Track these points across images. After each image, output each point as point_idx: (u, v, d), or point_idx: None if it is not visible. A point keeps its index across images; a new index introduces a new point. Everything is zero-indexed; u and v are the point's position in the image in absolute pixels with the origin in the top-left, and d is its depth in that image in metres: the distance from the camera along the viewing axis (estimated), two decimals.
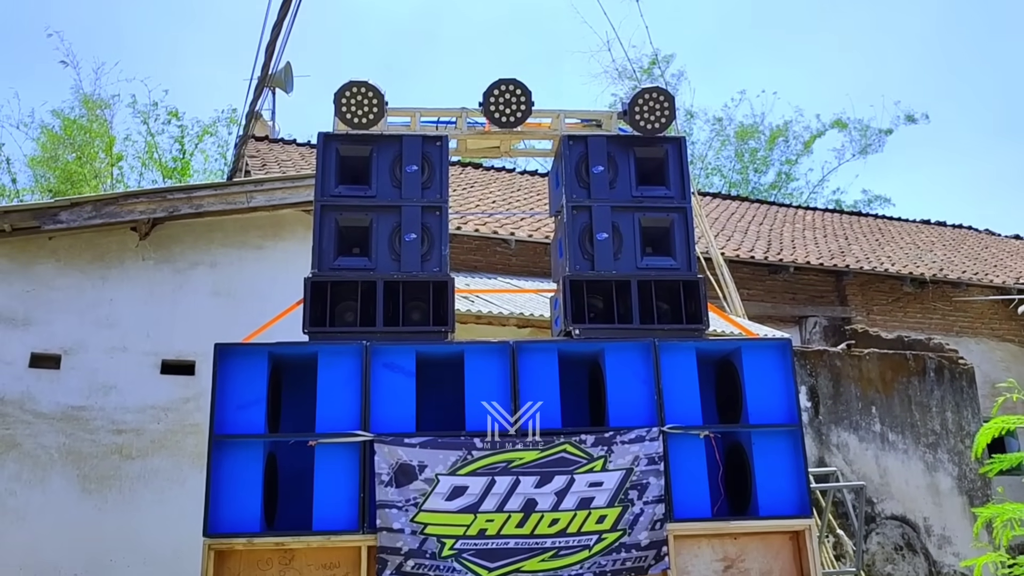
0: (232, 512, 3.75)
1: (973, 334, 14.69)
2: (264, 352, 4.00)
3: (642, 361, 4.11)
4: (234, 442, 3.84)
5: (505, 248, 12.36)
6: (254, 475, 3.82)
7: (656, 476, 3.88)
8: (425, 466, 3.81)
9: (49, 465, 7.14)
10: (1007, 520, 4.93)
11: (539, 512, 3.79)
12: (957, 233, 19.21)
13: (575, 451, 3.89)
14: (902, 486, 9.91)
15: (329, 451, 3.86)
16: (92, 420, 7.31)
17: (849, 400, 9.98)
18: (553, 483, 3.83)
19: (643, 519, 3.82)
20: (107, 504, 7.21)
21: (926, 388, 10.31)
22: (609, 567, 3.77)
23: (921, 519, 9.85)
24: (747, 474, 4.07)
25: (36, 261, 7.49)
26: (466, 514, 3.76)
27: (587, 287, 4.35)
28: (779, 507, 3.97)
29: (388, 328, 4.16)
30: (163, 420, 7.50)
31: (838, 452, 9.78)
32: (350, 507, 3.79)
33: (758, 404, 4.10)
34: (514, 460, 3.85)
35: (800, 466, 4.02)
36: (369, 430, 3.87)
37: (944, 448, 10.15)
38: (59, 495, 7.11)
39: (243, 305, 7.60)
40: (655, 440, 3.93)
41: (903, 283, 14.35)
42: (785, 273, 13.66)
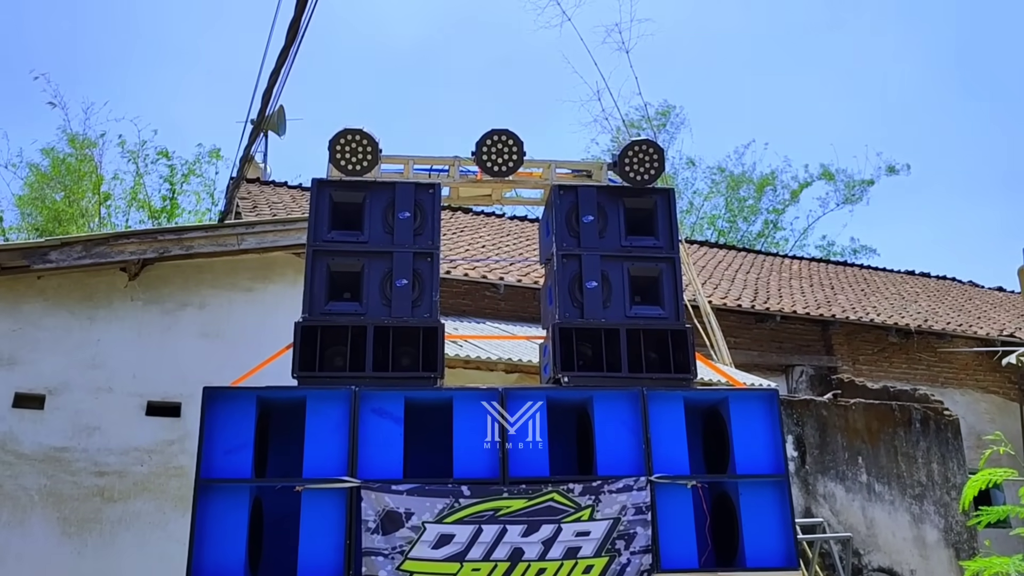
0: (216, 558, 3.71)
1: (958, 385, 14.77)
2: (252, 396, 3.99)
3: (630, 410, 4.13)
4: (220, 487, 3.82)
5: (494, 293, 12.40)
6: (239, 520, 3.79)
7: (643, 526, 3.88)
8: (412, 513, 3.80)
9: (29, 507, 7.05)
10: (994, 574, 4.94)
11: (526, 561, 3.77)
12: (941, 284, 19.41)
13: (562, 500, 3.89)
14: (889, 538, 9.88)
15: (315, 497, 3.84)
16: (75, 462, 7.24)
17: (836, 450, 9.99)
18: (540, 532, 3.82)
19: (630, 569, 3.81)
20: (87, 548, 7.11)
21: (912, 439, 10.34)
22: None
23: (908, 571, 9.81)
24: (734, 524, 4.07)
25: (24, 300, 7.47)
26: (452, 563, 3.74)
27: (576, 335, 4.38)
28: (766, 558, 3.96)
29: (377, 373, 4.17)
30: (147, 462, 7.43)
31: (825, 502, 9.76)
32: (336, 554, 3.76)
33: (745, 454, 4.12)
34: (501, 508, 3.84)
35: (787, 517, 4.02)
36: (356, 476, 3.86)
37: (930, 499, 10.15)
38: (38, 539, 7.01)
39: (231, 347, 7.59)
40: (643, 489, 3.94)
41: (888, 333, 14.45)
42: (772, 322, 13.75)
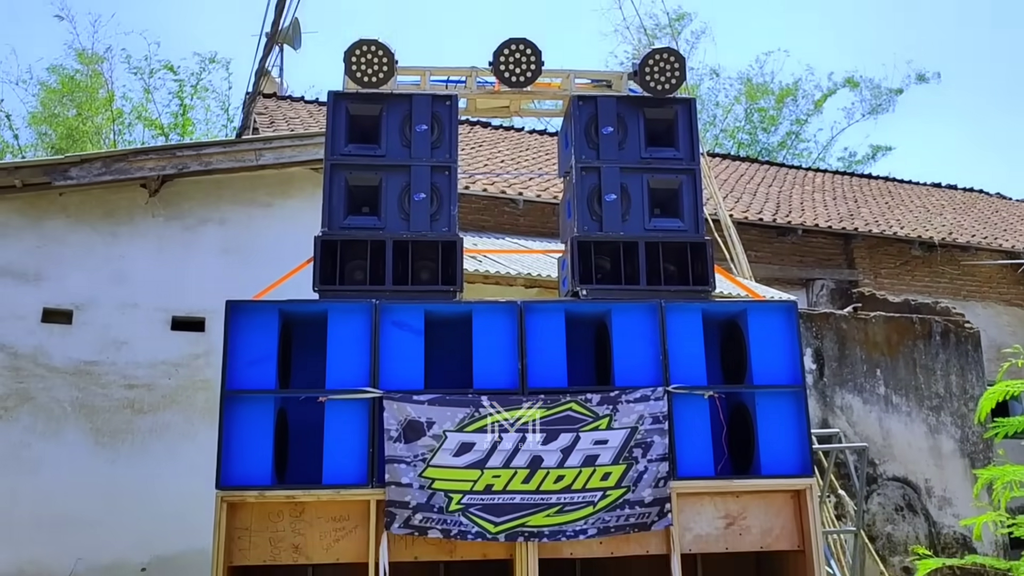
0: (244, 466, 3.83)
1: (980, 298, 14.68)
2: (275, 309, 4.04)
3: (648, 322, 4.15)
4: (245, 397, 3.91)
5: (513, 208, 12.35)
6: (265, 430, 3.89)
7: (660, 435, 3.94)
8: (433, 423, 3.87)
9: (63, 418, 7.25)
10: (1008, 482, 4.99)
11: (545, 469, 3.86)
12: (968, 197, 19.10)
13: (581, 410, 3.95)
14: (904, 448, 9.99)
15: (339, 407, 3.93)
16: (104, 375, 7.41)
17: (854, 363, 10.03)
18: (559, 440, 3.89)
19: (647, 476, 3.89)
20: (120, 457, 7.33)
21: (931, 352, 10.35)
22: (613, 523, 3.84)
23: (922, 480, 9.95)
24: (750, 434, 4.13)
25: (47, 217, 7.53)
26: (473, 470, 3.83)
27: (595, 248, 4.37)
28: (781, 466, 4.03)
29: (397, 287, 4.20)
30: (174, 376, 7.60)
31: (842, 414, 9.86)
32: (359, 462, 3.86)
33: (762, 365, 4.14)
34: (521, 418, 3.91)
35: (803, 426, 4.07)
36: (378, 387, 3.93)
37: (947, 411, 10.22)
38: (73, 448, 7.23)
39: (252, 262, 7.64)
40: (660, 400, 3.98)
41: (912, 246, 14.32)
42: (793, 236, 13.64)
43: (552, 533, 3.80)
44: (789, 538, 4.02)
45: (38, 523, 7.05)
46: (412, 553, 3.87)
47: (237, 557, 3.78)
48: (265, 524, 3.82)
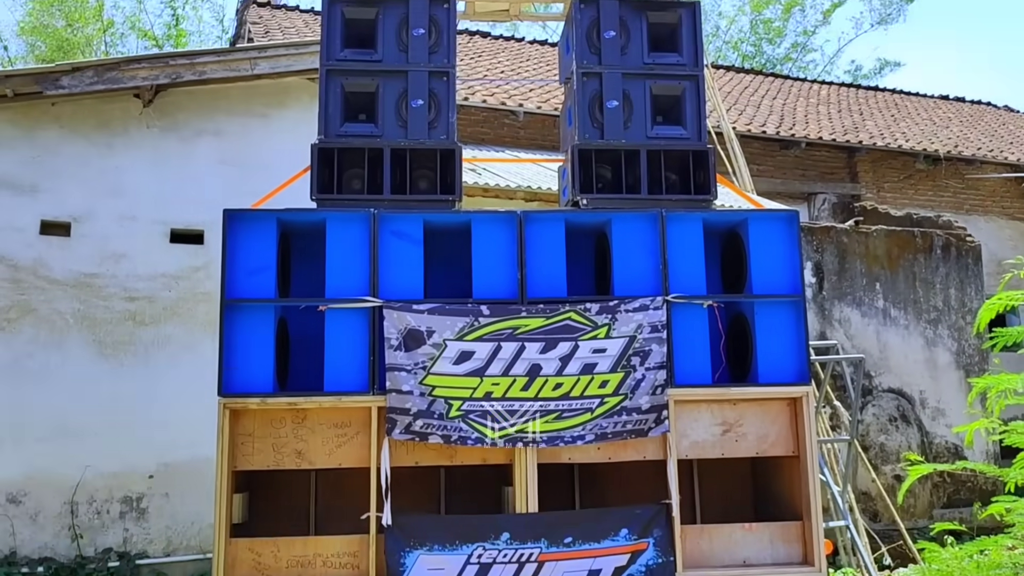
0: (245, 373, 3.86)
1: (983, 212, 14.61)
2: (272, 218, 4.02)
3: (649, 231, 4.13)
4: (245, 306, 3.91)
5: (513, 120, 12.18)
6: (266, 338, 3.91)
7: (659, 343, 3.96)
8: (433, 332, 3.89)
9: (65, 330, 7.30)
10: (1002, 390, 5.03)
11: (544, 376, 3.89)
12: (975, 109, 18.82)
13: (580, 319, 3.96)
14: (901, 360, 10.09)
15: (339, 316, 3.94)
16: (105, 287, 7.42)
17: (854, 276, 10.04)
18: (558, 349, 3.91)
19: (644, 384, 3.92)
20: (123, 368, 7.41)
21: (931, 265, 10.35)
22: (610, 429, 3.89)
23: (917, 392, 10.08)
24: (748, 343, 4.15)
25: (40, 127, 7.43)
26: (473, 377, 3.86)
27: (596, 156, 4.31)
28: (778, 375, 4.06)
29: (395, 196, 4.17)
30: (174, 288, 7.61)
31: (840, 327, 9.92)
32: (360, 370, 3.89)
33: (762, 275, 4.14)
34: (520, 327, 3.92)
35: (801, 335, 4.09)
36: (378, 296, 3.93)
37: (945, 324, 10.28)
38: (76, 359, 7.30)
39: (250, 175, 7.57)
40: (659, 309, 3.99)
41: (916, 160, 14.17)
42: (796, 149, 13.49)
43: (550, 439, 3.86)
44: (784, 444, 4.08)
45: (45, 433, 7.17)
46: (413, 458, 3.93)
47: (241, 462, 3.85)
48: (268, 430, 3.88)
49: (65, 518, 7.16)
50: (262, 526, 4.21)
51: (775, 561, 3.98)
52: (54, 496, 7.17)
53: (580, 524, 3.87)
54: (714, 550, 3.98)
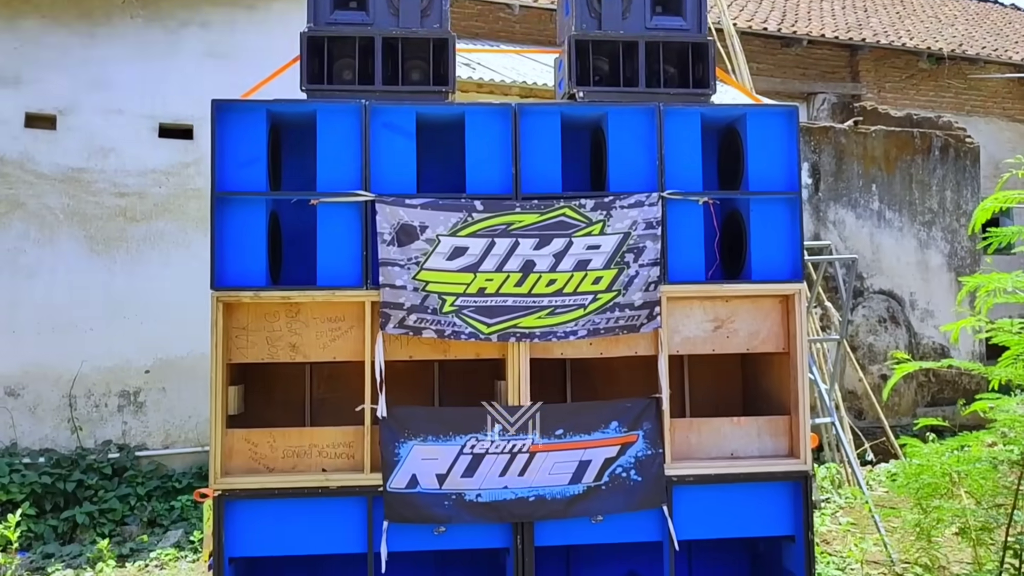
0: (238, 266, 3.84)
1: (984, 113, 14.43)
2: (262, 109, 3.93)
3: (645, 126, 4.05)
4: (236, 199, 3.86)
5: (508, 14, 11.84)
6: (258, 231, 3.87)
7: (653, 240, 3.94)
8: (426, 227, 3.86)
9: (56, 225, 7.25)
10: (992, 289, 5.05)
11: (537, 273, 3.88)
12: (981, 7, 18.35)
13: (574, 215, 3.92)
14: (893, 262, 10.13)
15: (331, 210, 3.89)
16: (94, 183, 7.35)
17: (850, 178, 9.98)
18: (551, 245, 3.90)
19: (638, 280, 3.92)
20: (116, 265, 7.40)
21: (929, 167, 10.28)
22: (603, 325, 3.92)
23: (908, 294, 10.16)
24: (743, 240, 4.14)
25: (19, 16, 7.20)
26: (466, 273, 3.85)
27: (593, 48, 4.20)
28: (772, 272, 4.06)
29: (387, 87, 4.07)
30: (164, 184, 7.53)
31: (834, 229, 9.92)
32: (353, 264, 3.88)
33: (759, 171, 4.09)
34: (514, 223, 3.89)
35: (796, 233, 4.07)
36: (370, 190, 3.89)
37: (939, 226, 10.28)
38: (68, 255, 7.29)
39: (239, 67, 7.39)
40: (654, 205, 3.96)
41: (919, 59, 13.91)
42: (797, 47, 13.21)
43: (543, 334, 3.88)
44: (775, 341, 4.11)
45: (40, 328, 7.21)
46: (407, 352, 3.96)
47: (236, 355, 3.87)
48: (262, 324, 3.89)
49: (64, 411, 7.28)
50: (257, 419, 4.26)
51: (762, 454, 4.06)
52: (52, 389, 7.26)
53: (571, 416, 3.93)
54: (702, 443, 4.06)
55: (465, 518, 3.83)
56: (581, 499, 3.87)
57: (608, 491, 3.89)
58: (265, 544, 3.82)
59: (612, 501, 3.89)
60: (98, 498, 6.99)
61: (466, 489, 3.83)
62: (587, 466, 3.89)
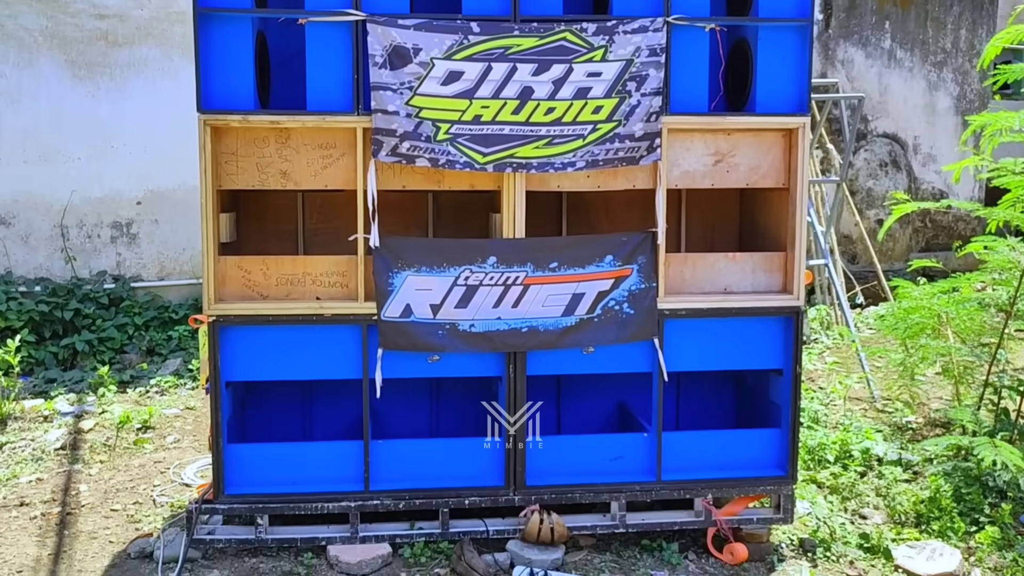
0: (225, 89, 3.69)
1: None
2: None
3: None
4: (221, 16, 3.67)
5: None
6: (244, 52, 3.70)
7: (656, 68, 3.78)
8: (420, 49, 3.69)
9: (35, 48, 6.98)
10: (998, 128, 4.94)
11: (535, 100, 3.75)
12: None
13: (575, 40, 3.75)
14: (900, 105, 9.89)
15: (320, 30, 3.71)
16: (72, 3, 7.00)
17: (863, 14, 9.58)
18: (551, 71, 3.74)
19: (639, 110, 3.80)
20: (100, 91, 7.18)
21: (946, 3, 9.85)
22: (601, 156, 3.82)
23: (911, 138, 9.99)
24: (748, 70, 3.98)
25: None
26: (461, 99, 3.72)
27: None
28: (777, 105, 3.93)
29: None
30: (146, 6, 7.20)
31: (842, 68, 9.62)
32: (344, 89, 3.73)
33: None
34: (512, 47, 3.72)
35: (804, 63, 3.91)
36: (361, 9, 3.69)
37: (950, 67, 9.97)
38: (50, 81, 7.05)
39: None
40: (659, 31, 3.77)
41: None
42: None
43: (540, 164, 3.80)
44: (775, 176, 4.03)
45: (27, 156, 7.07)
46: (400, 182, 3.88)
47: (225, 181, 3.79)
48: (251, 150, 3.79)
49: (56, 241, 7.26)
50: (250, 248, 4.24)
51: (755, 289, 4.07)
52: (43, 219, 7.21)
53: (565, 250, 3.90)
54: (696, 277, 4.05)
55: (459, 347, 3.87)
56: (573, 330, 3.91)
57: (600, 323, 3.91)
58: (260, 369, 3.88)
59: (604, 333, 3.92)
60: (96, 327, 7.07)
61: (460, 319, 3.85)
62: (580, 299, 3.90)
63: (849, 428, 5.43)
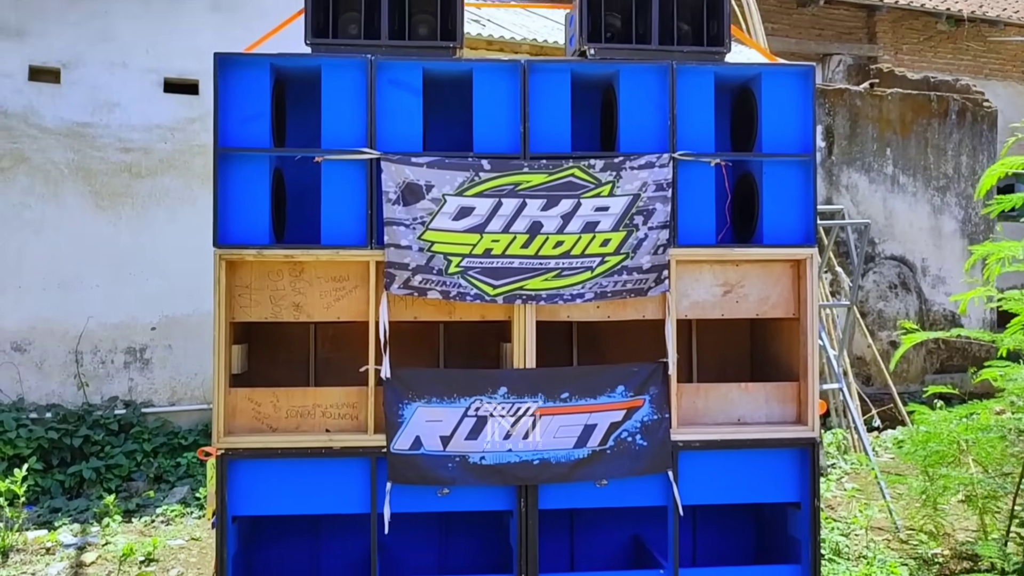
0: (241, 224, 3.78)
1: (1003, 77, 14.18)
2: (266, 63, 3.84)
3: (658, 85, 3.96)
4: (240, 155, 3.80)
5: None
6: (261, 189, 3.81)
7: (663, 202, 3.86)
8: (432, 186, 3.79)
9: (60, 180, 7.20)
10: (1001, 258, 4.97)
11: (544, 234, 3.82)
12: None
13: (583, 175, 3.85)
14: (906, 228, 10.01)
15: (336, 168, 3.83)
16: (98, 137, 7.27)
17: (865, 141, 9.83)
18: (559, 206, 3.82)
19: (647, 243, 3.85)
20: (121, 220, 7.36)
21: (945, 131, 10.11)
22: (610, 288, 3.86)
23: (919, 260, 10.06)
24: (755, 203, 4.06)
25: None
26: (472, 233, 3.79)
27: (604, 3, 4.08)
28: (783, 236, 3.99)
29: (393, 42, 3.97)
30: (170, 140, 7.46)
31: (847, 193, 9.79)
32: (358, 223, 3.82)
33: (773, 132, 3.99)
34: (521, 183, 3.82)
35: (809, 196, 3.99)
36: (375, 148, 3.81)
37: (953, 192, 10.14)
38: (73, 210, 7.24)
39: (245, 22, 7.28)
40: (665, 166, 3.88)
41: (938, 20, 13.63)
42: (814, 6, 12.96)
43: (549, 296, 3.83)
44: (785, 306, 4.05)
45: (46, 283, 7.19)
46: (412, 313, 3.92)
47: (239, 314, 3.83)
48: (265, 283, 3.84)
49: (70, 367, 7.28)
50: (261, 378, 4.24)
51: (769, 420, 4.02)
52: (58, 345, 7.26)
53: (577, 380, 3.89)
54: (709, 408, 4.02)
55: (469, 480, 3.81)
56: (586, 463, 3.85)
57: (613, 455, 3.86)
58: (268, 503, 3.82)
59: (617, 466, 3.86)
60: (104, 454, 7.01)
61: (470, 451, 3.80)
62: (592, 430, 3.85)
63: (873, 562, 5.25)
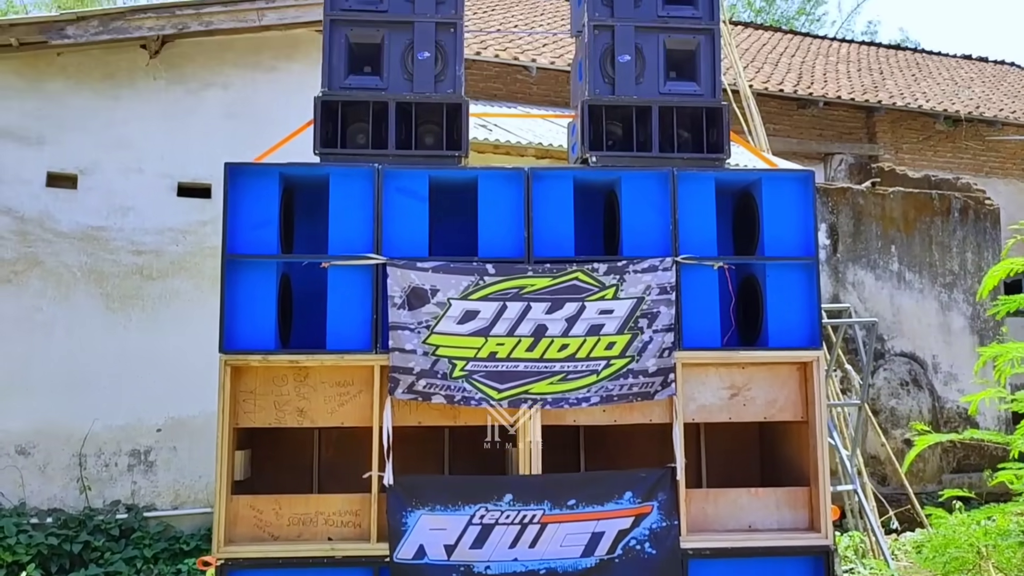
0: (247, 330, 3.81)
1: (1003, 175, 14.36)
2: (275, 173, 3.94)
3: (659, 191, 4.03)
4: (247, 262, 3.85)
5: (526, 76, 11.98)
6: (268, 295, 3.85)
7: (667, 305, 3.88)
8: (437, 290, 3.82)
9: (72, 283, 7.28)
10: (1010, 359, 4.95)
11: (549, 337, 3.83)
12: (998, 70, 18.42)
13: (587, 279, 3.88)
14: (914, 325, 9.98)
15: (342, 273, 3.87)
16: (112, 240, 7.39)
17: (869, 239, 9.90)
18: (564, 310, 3.84)
19: (652, 347, 3.85)
20: (131, 322, 7.40)
21: (948, 228, 10.19)
22: (616, 392, 3.84)
23: (930, 356, 9.99)
24: (759, 306, 4.07)
25: (46, 78, 7.34)
26: (477, 337, 3.80)
27: (606, 113, 4.20)
28: (789, 339, 3.98)
29: (401, 152, 4.07)
30: (181, 243, 7.57)
31: (853, 290, 9.81)
32: (363, 328, 3.84)
33: (775, 236, 4.04)
34: (526, 287, 3.85)
35: (813, 299, 4.00)
36: (381, 253, 3.87)
37: (960, 288, 10.14)
38: (84, 313, 7.29)
39: (257, 129, 7.47)
40: (668, 270, 3.91)
41: (936, 121, 13.91)
42: (814, 108, 13.25)
43: (555, 400, 3.81)
44: (793, 409, 4.02)
45: (53, 386, 7.19)
46: (416, 418, 3.89)
47: (243, 419, 3.82)
48: (270, 388, 3.84)
49: (73, 470, 7.21)
50: (264, 483, 4.19)
51: (781, 526, 3.94)
52: (63, 448, 7.21)
53: (584, 487, 3.83)
54: (719, 514, 3.94)
55: None
56: (594, 572, 3.75)
57: (622, 564, 3.76)
58: None
59: (626, 574, 3.76)
60: (104, 560, 6.86)
61: (475, 561, 3.72)
62: (600, 538, 3.77)
63: None
